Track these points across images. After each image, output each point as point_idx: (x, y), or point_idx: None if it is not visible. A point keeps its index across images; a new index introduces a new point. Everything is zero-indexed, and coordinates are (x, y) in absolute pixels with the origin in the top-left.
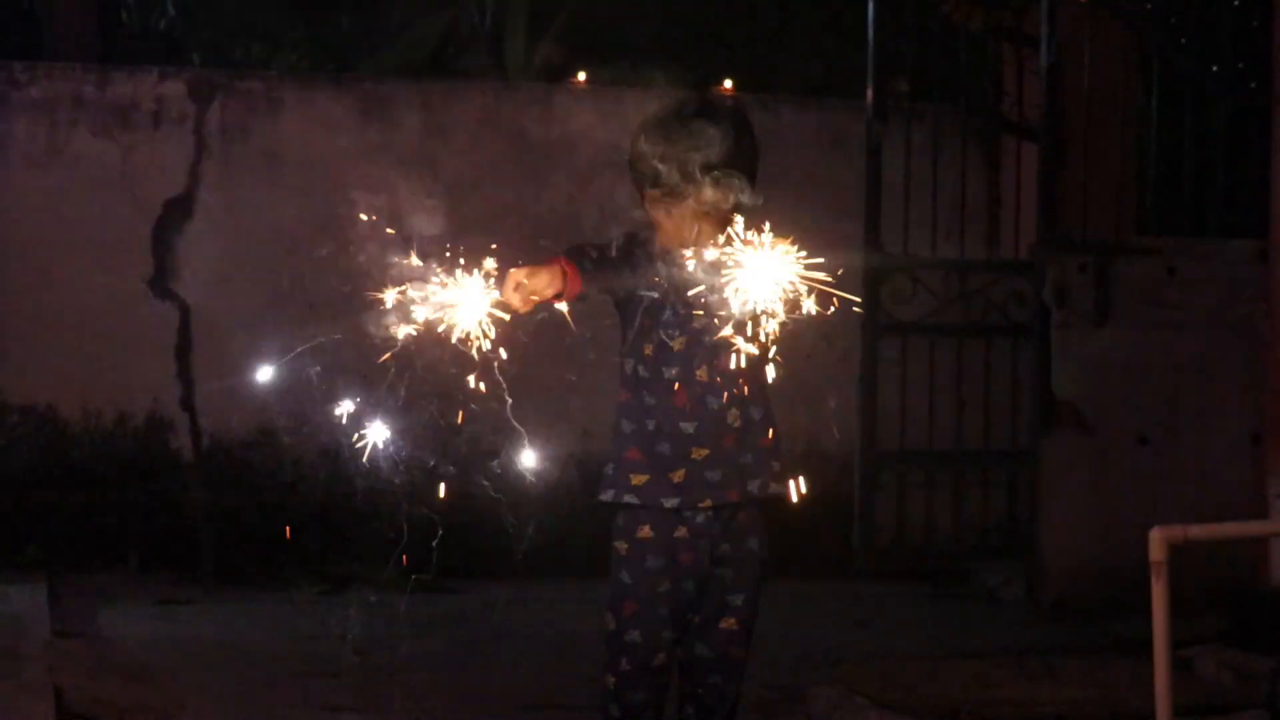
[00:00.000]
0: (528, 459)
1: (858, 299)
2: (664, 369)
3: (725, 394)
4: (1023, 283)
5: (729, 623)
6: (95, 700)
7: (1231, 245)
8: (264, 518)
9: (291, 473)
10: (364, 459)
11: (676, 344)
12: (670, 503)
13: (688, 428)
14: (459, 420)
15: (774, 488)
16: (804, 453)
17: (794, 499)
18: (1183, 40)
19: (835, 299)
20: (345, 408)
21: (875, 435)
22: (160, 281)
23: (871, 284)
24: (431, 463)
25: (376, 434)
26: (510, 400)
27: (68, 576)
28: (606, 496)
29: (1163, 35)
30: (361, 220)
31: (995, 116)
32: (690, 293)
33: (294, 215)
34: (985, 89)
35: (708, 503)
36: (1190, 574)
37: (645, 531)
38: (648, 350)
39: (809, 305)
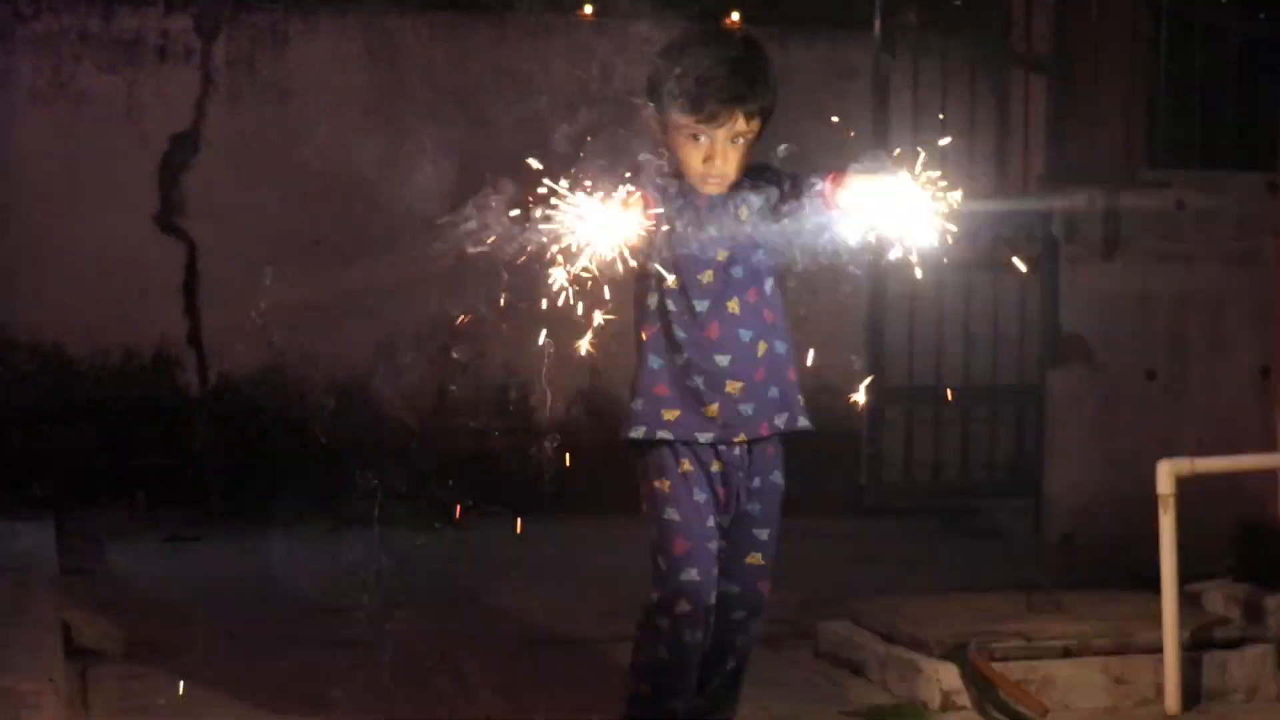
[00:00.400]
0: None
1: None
2: (695, 302)
3: (754, 327)
4: (1032, 216)
5: (755, 558)
6: (102, 635)
7: (1241, 179)
8: (272, 454)
9: (299, 408)
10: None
11: (705, 277)
12: (705, 437)
13: (722, 360)
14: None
15: (801, 422)
16: (812, 388)
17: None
18: None
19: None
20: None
21: (883, 371)
22: (166, 217)
23: None
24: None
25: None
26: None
27: (75, 514)
28: (636, 434)
29: None
30: (373, 155)
31: (1003, 49)
32: (714, 230)
33: (302, 150)
34: (993, 21)
35: (742, 436)
36: (1200, 510)
37: (687, 465)
38: (674, 283)
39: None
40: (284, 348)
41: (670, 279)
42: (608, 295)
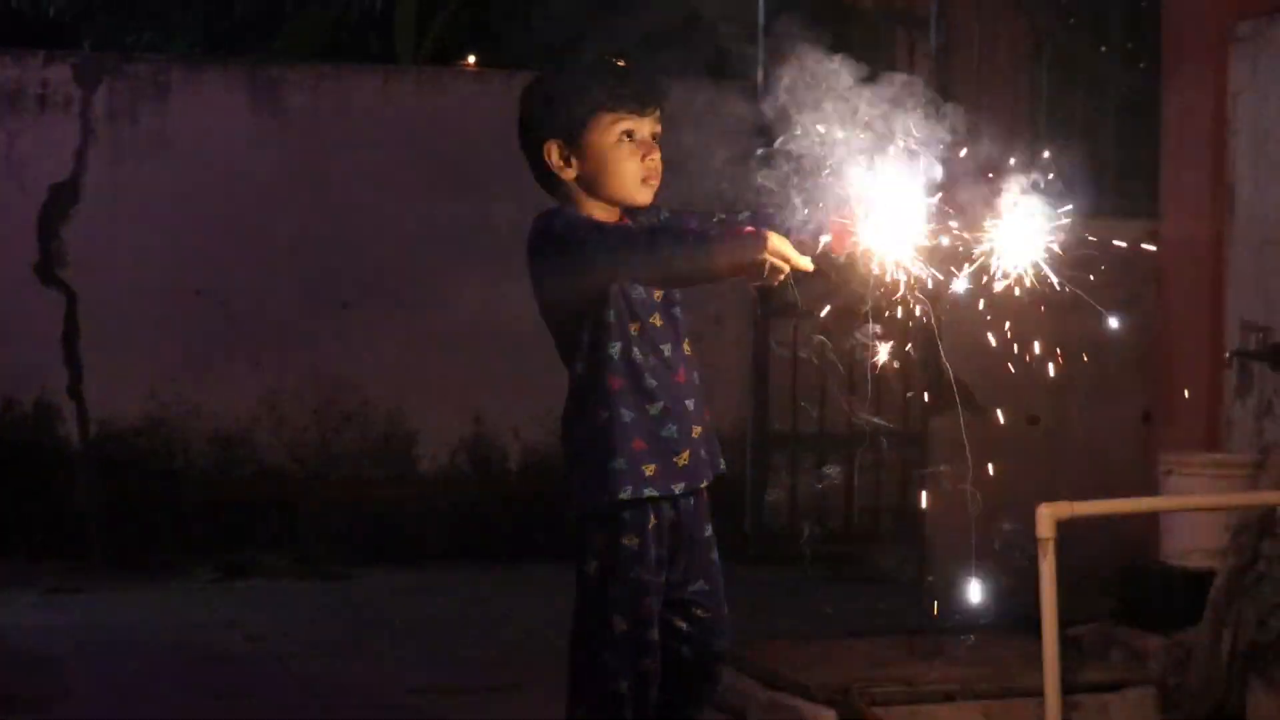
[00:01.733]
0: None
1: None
2: (661, 345)
3: (697, 367)
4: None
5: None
6: None
7: (1123, 227)
8: (154, 506)
9: (182, 459)
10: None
11: (655, 319)
12: (679, 488)
13: (690, 405)
14: None
15: (722, 465)
16: None
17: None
18: (1072, 21)
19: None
20: None
21: (767, 418)
22: (46, 267)
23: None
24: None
25: None
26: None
27: None
28: (625, 494)
29: (1053, 17)
30: (248, 204)
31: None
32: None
33: (184, 201)
34: (877, 64)
35: (704, 482)
36: (1081, 553)
37: (652, 521)
38: (634, 329)
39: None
40: (166, 398)
41: (633, 325)
42: None
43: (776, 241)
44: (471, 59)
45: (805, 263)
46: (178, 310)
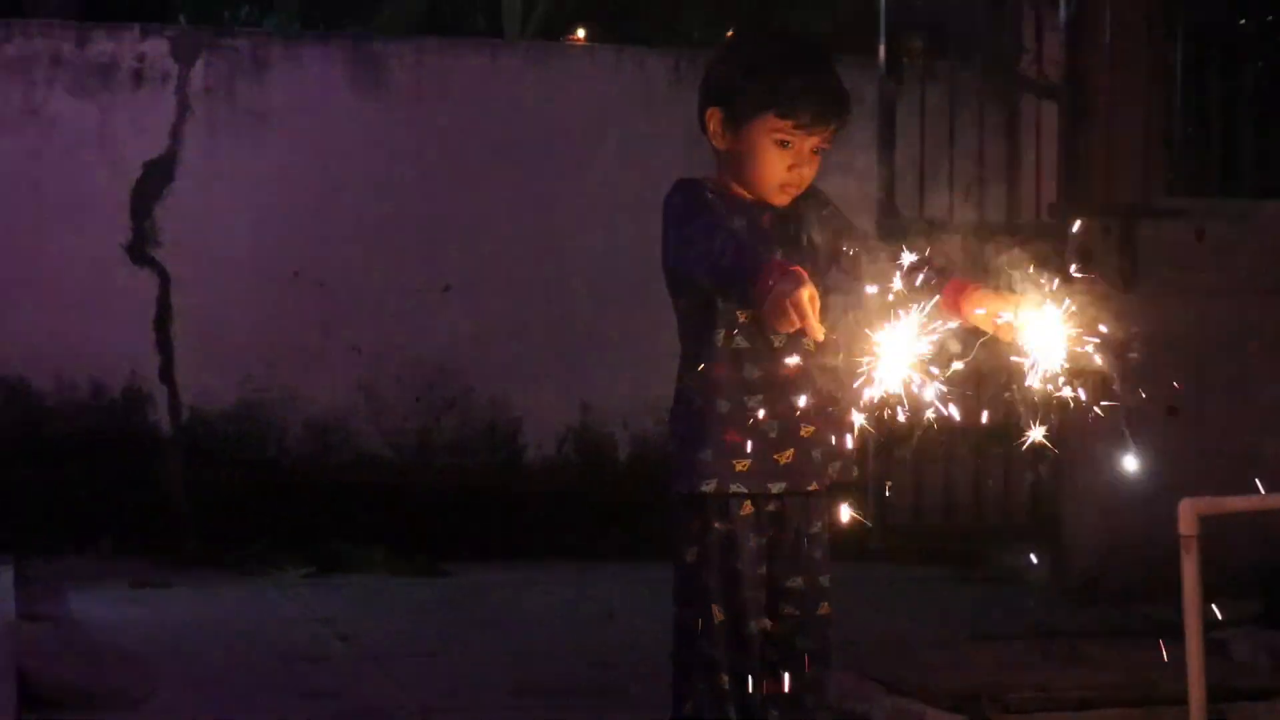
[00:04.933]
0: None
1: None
2: (771, 336)
3: (825, 362)
4: (1044, 247)
5: (825, 607)
6: (60, 685)
7: (1263, 207)
8: (247, 496)
9: (275, 448)
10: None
11: None
12: (777, 487)
13: (799, 401)
14: None
15: (854, 472)
16: None
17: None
18: None
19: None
20: None
21: (890, 409)
22: (139, 248)
23: None
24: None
25: None
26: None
27: (38, 558)
28: (707, 487)
29: None
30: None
31: (1014, 74)
32: (780, 253)
33: (281, 180)
34: (1003, 45)
35: (814, 485)
36: (1226, 553)
37: (747, 510)
38: (744, 315)
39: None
40: (261, 384)
41: (741, 311)
42: None
43: (804, 294)
44: (581, 33)
45: (819, 333)
46: (274, 292)
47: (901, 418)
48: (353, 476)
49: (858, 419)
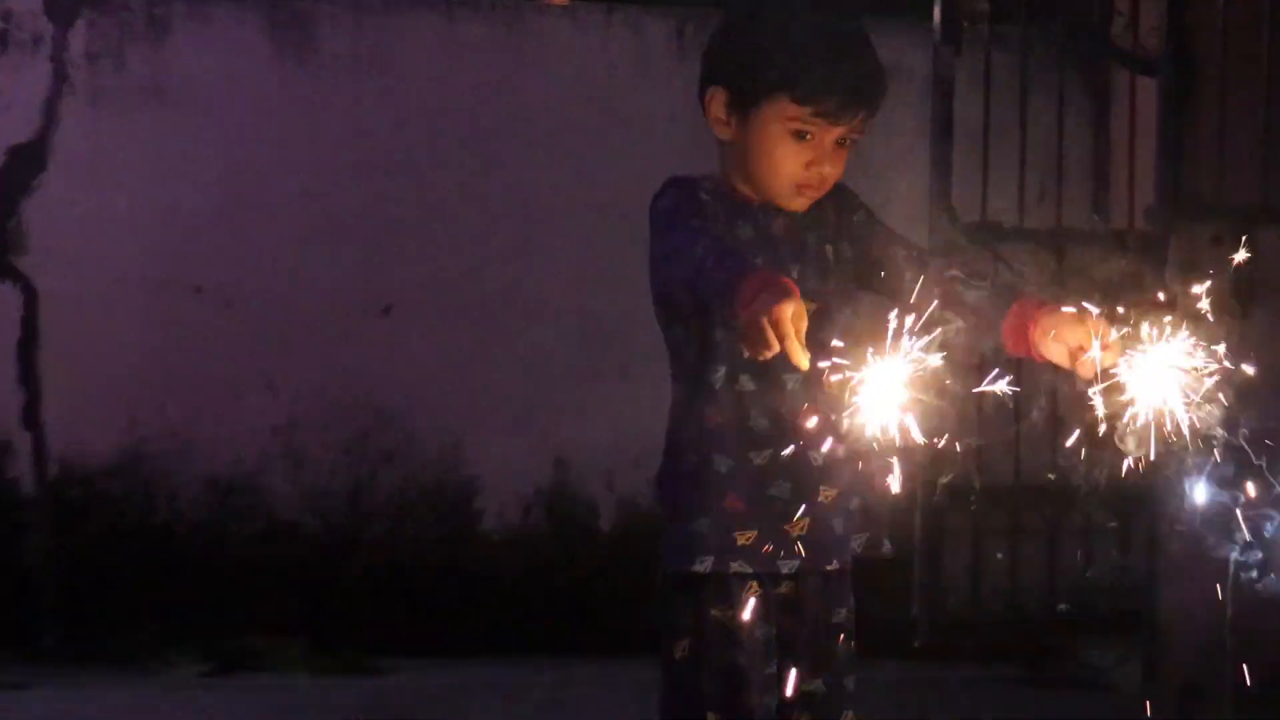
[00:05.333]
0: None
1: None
2: (784, 376)
3: (846, 406)
4: (1138, 259)
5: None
6: None
7: None
8: (130, 572)
9: (167, 511)
10: None
11: None
12: (789, 566)
13: (816, 458)
14: None
15: (886, 546)
16: None
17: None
18: None
19: None
20: None
21: (942, 465)
22: (0, 255)
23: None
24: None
25: None
26: None
27: None
28: (702, 566)
29: None
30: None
31: (1103, 42)
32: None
33: (182, 172)
34: (1090, 8)
35: (835, 564)
36: None
37: (754, 592)
38: (749, 351)
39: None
40: (150, 430)
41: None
42: None
43: (785, 310)
44: None
45: (801, 359)
46: (170, 313)
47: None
48: (265, 549)
49: (894, 479)
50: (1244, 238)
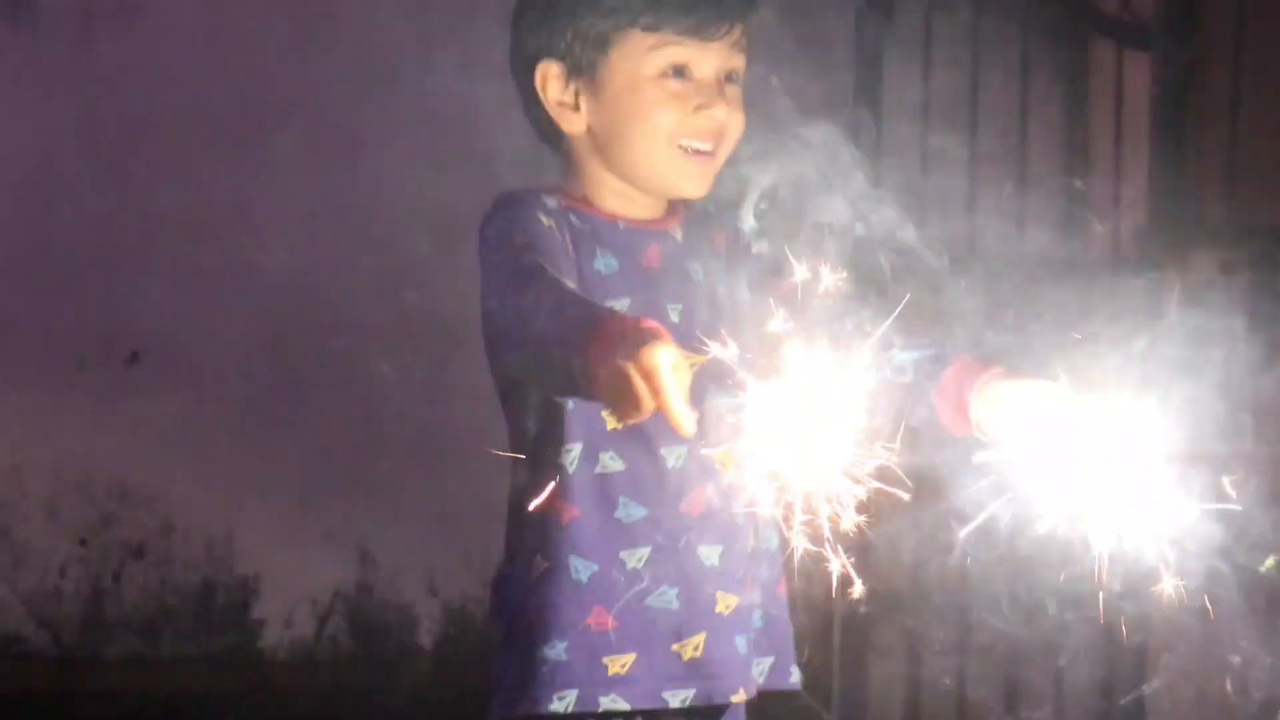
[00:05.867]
0: None
1: None
2: (661, 450)
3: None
4: (1126, 289)
5: None
6: None
7: None
8: None
9: None
10: None
11: None
12: (680, 698)
13: (710, 556)
14: None
15: (794, 675)
16: None
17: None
18: None
19: None
20: None
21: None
22: None
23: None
24: None
25: None
26: None
27: None
28: (562, 704)
29: None
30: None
31: (1081, 5)
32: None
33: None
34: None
35: (740, 694)
36: None
37: None
38: (613, 421)
39: None
40: None
41: (607, 413)
42: None
43: (662, 356)
44: None
45: (685, 422)
46: None
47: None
48: None
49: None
50: (1265, 266)
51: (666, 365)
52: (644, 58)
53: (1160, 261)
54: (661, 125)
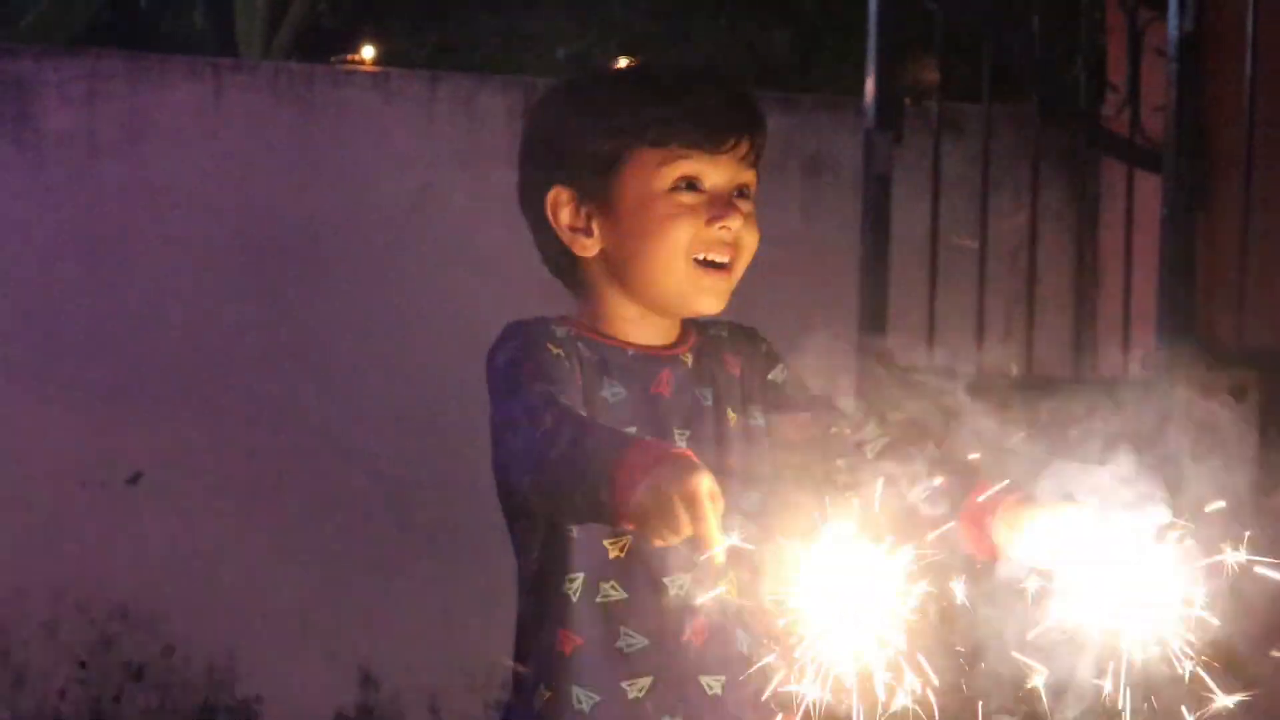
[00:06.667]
0: None
1: None
2: (664, 580)
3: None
4: (1136, 414)
5: None
6: None
7: None
8: None
9: None
10: None
11: None
12: None
13: (713, 686)
14: None
15: None
16: None
17: None
18: None
19: None
20: None
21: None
22: None
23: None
24: None
25: None
26: None
27: None
28: None
29: None
30: None
31: (1091, 126)
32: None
33: None
34: (1074, 80)
35: None
36: None
37: None
38: (615, 548)
39: None
40: None
41: (610, 543)
42: None
43: (704, 485)
44: (369, 53)
45: (719, 545)
46: None
47: None
48: None
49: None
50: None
51: (705, 493)
52: (654, 173)
53: (1170, 383)
54: (676, 239)
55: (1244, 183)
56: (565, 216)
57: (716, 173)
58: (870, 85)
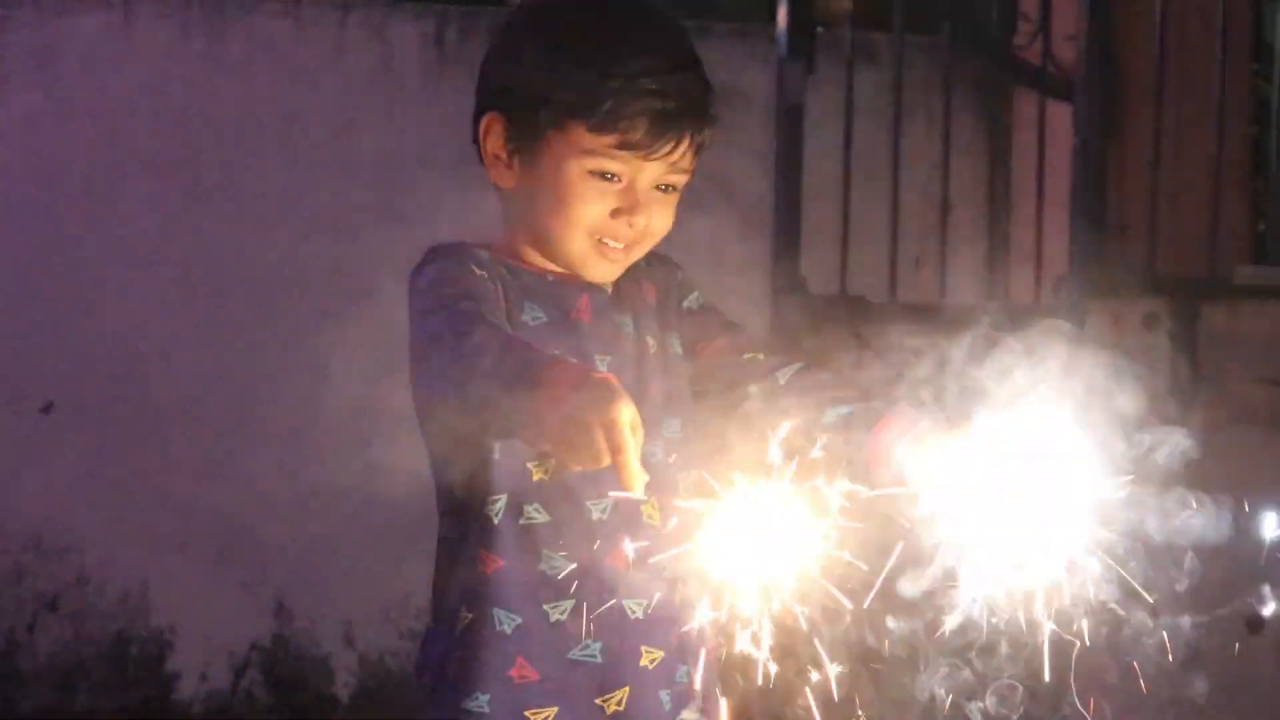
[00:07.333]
0: None
1: None
2: (587, 503)
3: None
4: (1046, 342)
5: None
6: None
7: None
8: None
9: None
10: None
11: None
12: None
13: (635, 609)
14: None
15: None
16: None
17: None
18: None
19: None
20: None
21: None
22: None
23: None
24: None
25: None
26: None
27: None
28: None
29: None
30: None
31: (1003, 57)
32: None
33: None
34: (986, 9)
35: None
36: None
37: None
38: (539, 471)
39: None
40: None
41: (534, 464)
42: None
43: (625, 414)
44: None
45: (638, 480)
46: None
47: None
48: None
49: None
50: (1186, 319)
51: (626, 422)
52: (581, 154)
53: (1081, 313)
54: (580, 218)
55: (1155, 111)
56: (491, 143)
57: (642, 175)
58: (782, 14)
